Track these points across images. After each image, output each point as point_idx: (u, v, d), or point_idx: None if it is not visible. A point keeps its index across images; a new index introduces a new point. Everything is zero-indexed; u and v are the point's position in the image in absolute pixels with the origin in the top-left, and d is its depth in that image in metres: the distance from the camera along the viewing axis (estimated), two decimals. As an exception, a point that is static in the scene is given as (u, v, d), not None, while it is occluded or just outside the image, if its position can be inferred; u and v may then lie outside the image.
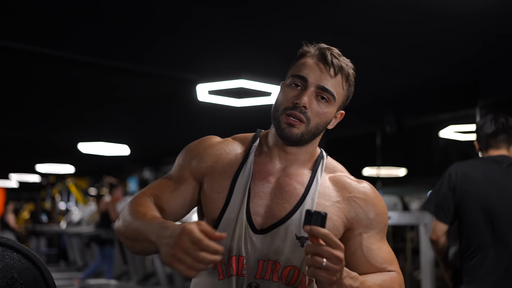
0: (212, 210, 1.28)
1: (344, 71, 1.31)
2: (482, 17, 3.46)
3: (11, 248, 1.16)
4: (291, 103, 1.26)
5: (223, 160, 1.32)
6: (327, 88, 1.27)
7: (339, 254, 1.06)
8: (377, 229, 1.32)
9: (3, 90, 5.83)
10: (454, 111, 5.31)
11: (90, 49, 4.34)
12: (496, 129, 2.62)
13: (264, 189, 1.29)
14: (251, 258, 1.24)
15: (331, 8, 3.40)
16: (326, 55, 1.28)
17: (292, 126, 1.25)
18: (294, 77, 1.28)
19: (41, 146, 10.50)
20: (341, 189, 1.32)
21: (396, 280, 1.29)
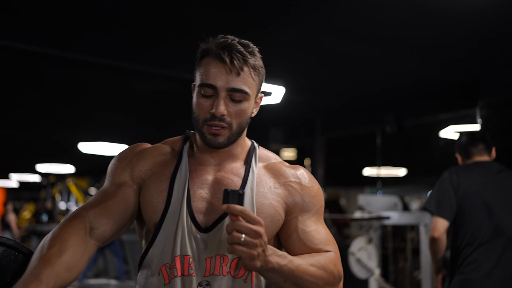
0: (153, 214, 1.27)
1: (248, 63, 1.27)
2: (482, 17, 3.46)
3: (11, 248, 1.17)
4: (208, 114, 1.25)
5: (159, 164, 1.32)
6: (237, 88, 1.25)
7: (257, 229, 1.08)
8: (313, 211, 1.34)
9: (3, 90, 5.83)
10: (454, 111, 5.31)
11: (90, 50, 4.34)
12: (474, 139, 2.83)
13: (203, 186, 1.29)
14: (198, 257, 1.24)
15: (331, 9, 3.40)
16: (224, 57, 1.25)
17: (216, 135, 1.26)
18: (203, 86, 1.26)
19: (41, 146, 10.51)
20: (277, 176, 1.34)
21: (331, 260, 1.29)
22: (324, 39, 3.94)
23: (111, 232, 1.26)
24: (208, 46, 1.30)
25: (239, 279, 1.25)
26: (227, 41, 1.28)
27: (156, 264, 1.25)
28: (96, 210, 1.25)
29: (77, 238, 1.18)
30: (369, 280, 4.95)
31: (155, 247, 1.26)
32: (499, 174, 2.72)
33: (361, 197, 5.95)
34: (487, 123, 4.74)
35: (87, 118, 7.44)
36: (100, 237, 1.23)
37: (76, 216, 1.23)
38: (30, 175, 14.90)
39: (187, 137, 1.40)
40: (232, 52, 1.26)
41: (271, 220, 1.28)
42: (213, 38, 1.31)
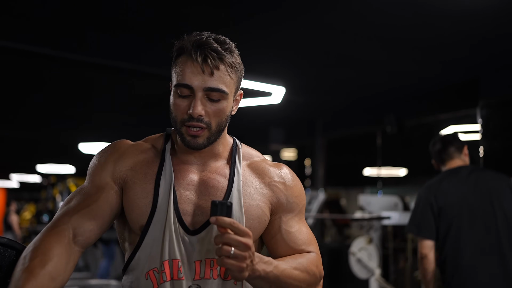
0: (138, 217, 1.23)
1: (224, 61, 1.24)
2: (482, 17, 3.46)
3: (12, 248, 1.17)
4: (186, 115, 1.23)
5: (142, 164, 1.29)
6: (214, 88, 1.22)
7: (246, 241, 1.08)
8: (296, 211, 1.34)
9: (4, 91, 5.83)
10: (454, 111, 5.30)
11: (91, 51, 4.34)
12: (444, 145, 2.94)
13: (188, 187, 1.27)
14: (187, 260, 1.22)
15: (332, 9, 3.39)
16: (198, 56, 1.22)
17: (195, 137, 1.23)
18: (179, 86, 1.24)
19: (42, 147, 10.51)
20: (261, 175, 1.33)
21: (313, 261, 1.30)
22: (325, 39, 3.94)
23: (94, 237, 1.23)
24: (183, 44, 1.27)
25: (229, 281, 1.24)
26: (202, 39, 1.25)
27: (143, 268, 1.23)
28: (78, 216, 1.21)
29: (60, 247, 1.15)
30: (370, 280, 4.95)
31: (142, 250, 1.23)
32: (468, 180, 2.79)
33: (362, 197, 5.94)
34: (487, 123, 4.74)
35: (87, 118, 7.44)
36: (84, 243, 1.21)
37: (58, 224, 1.20)
38: (30, 176, 14.90)
39: (168, 134, 1.36)
40: (206, 51, 1.22)
41: (258, 222, 1.28)
42: (188, 35, 1.28)
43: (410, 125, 5.90)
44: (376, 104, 6.05)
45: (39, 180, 15.48)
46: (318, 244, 1.38)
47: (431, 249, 2.72)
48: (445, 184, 2.79)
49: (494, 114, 4.75)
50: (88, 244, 1.22)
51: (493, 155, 4.68)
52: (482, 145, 4.75)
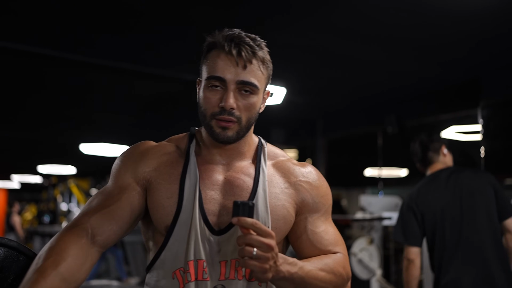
0: (163, 217, 1.23)
1: (257, 55, 1.24)
2: (482, 17, 3.46)
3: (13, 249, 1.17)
4: (217, 107, 1.22)
5: (166, 164, 1.28)
6: (247, 81, 1.22)
7: (269, 242, 1.06)
8: (322, 211, 1.32)
9: (5, 91, 5.84)
10: (455, 112, 5.30)
11: (92, 51, 4.34)
12: (421, 150, 3.02)
13: (213, 187, 1.26)
14: (212, 261, 1.21)
15: (332, 9, 3.39)
16: (232, 49, 1.21)
17: (225, 129, 1.22)
18: (211, 79, 1.23)
19: (42, 147, 10.51)
20: (286, 175, 1.32)
21: (340, 262, 1.27)
22: (325, 39, 3.93)
23: (115, 237, 1.22)
24: (215, 39, 1.26)
25: (253, 282, 1.23)
26: (234, 34, 1.25)
27: (169, 268, 1.22)
28: (98, 215, 1.21)
29: (76, 247, 1.15)
30: (371, 280, 4.95)
31: (168, 250, 1.22)
32: (448, 183, 2.81)
33: (363, 197, 5.94)
34: (488, 123, 4.74)
35: (88, 119, 7.44)
36: (103, 244, 1.20)
37: (77, 224, 1.20)
38: (31, 176, 14.90)
39: (192, 134, 1.35)
40: (240, 44, 1.22)
41: (284, 222, 1.26)
42: (220, 31, 1.27)
43: (411, 126, 5.90)
44: (377, 105, 6.05)
45: (40, 181, 15.49)
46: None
47: (418, 255, 2.78)
48: (424, 191, 2.83)
49: (495, 114, 4.75)
50: (107, 244, 1.22)
51: (494, 155, 4.68)
52: (483, 146, 4.75)
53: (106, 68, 4.76)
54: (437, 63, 4.52)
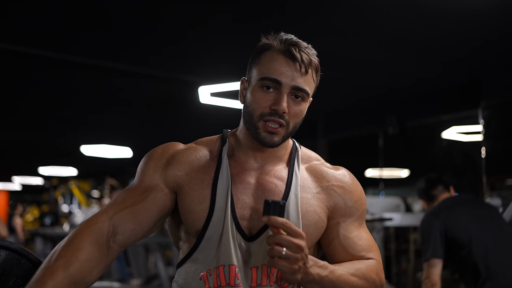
0: (195, 222, 1.21)
1: (313, 64, 1.24)
2: (484, 18, 3.46)
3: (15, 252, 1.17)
4: (268, 109, 1.20)
5: (197, 169, 1.25)
6: (301, 88, 1.21)
7: (299, 242, 1.05)
8: (355, 216, 1.29)
9: (5, 93, 5.84)
10: (456, 112, 5.30)
11: (92, 52, 4.35)
12: (432, 183, 3.12)
13: (246, 191, 1.24)
14: (244, 266, 1.19)
15: (332, 10, 3.40)
16: (294, 52, 1.21)
17: (273, 134, 1.21)
18: (265, 80, 1.21)
19: (44, 149, 10.51)
20: (319, 179, 1.29)
21: (372, 268, 1.24)
22: (325, 41, 3.93)
23: (136, 238, 1.20)
24: (272, 41, 1.25)
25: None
26: (292, 39, 1.25)
27: (199, 269, 1.21)
28: (122, 214, 1.18)
29: (93, 247, 1.13)
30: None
31: (199, 252, 1.21)
32: (472, 203, 3.03)
33: (364, 198, 5.92)
34: (489, 124, 4.74)
35: (89, 120, 7.44)
36: (123, 243, 1.18)
37: (99, 220, 1.16)
38: (33, 178, 14.90)
39: (225, 137, 1.32)
40: (302, 50, 1.22)
41: (315, 227, 1.24)
42: (275, 34, 1.27)
43: (412, 126, 5.89)
44: (378, 105, 6.05)
45: (42, 183, 15.49)
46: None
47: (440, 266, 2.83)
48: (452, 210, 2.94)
49: (496, 115, 4.75)
50: (127, 244, 1.19)
51: (495, 156, 4.67)
52: (484, 146, 4.74)
53: (107, 70, 4.76)
54: (438, 64, 4.52)
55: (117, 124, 7.72)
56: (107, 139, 8.50)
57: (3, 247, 1.16)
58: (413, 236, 6.14)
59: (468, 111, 5.08)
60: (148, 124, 7.73)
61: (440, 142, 6.17)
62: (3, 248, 1.16)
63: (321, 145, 6.99)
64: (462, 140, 5.84)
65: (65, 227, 10.21)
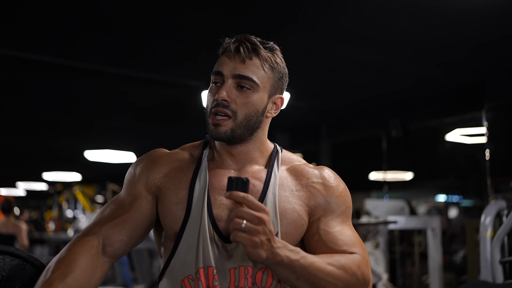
0: (172, 223, 1.21)
1: (259, 54, 1.23)
2: (487, 20, 3.45)
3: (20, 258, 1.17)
4: (215, 102, 1.21)
5: (176, 170, 1.26)
6: (243, 75, 1.21)
7: (260, 215, 1.03)
8: (337, 212, 1.25)
9: (10, 98, 5.86)
10: (460, 114, 5.29)
11: (96, 58, 4.36)
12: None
13: (223, 192, 1.21)
14: (222, 267, 1.17)
15: (336, 14, 3.40)
16: (233, 45, 1.22)
17: (218, 125, 1.21)
18: (212, 75, 1.25)
19: (47, 154, 10.54)
20: (299, 177, 1.28)
21: (354, 261, 1.17)
22: (329, 44, 3.94)
23: (125, 248, 1.21)
24: (225, 44, 1.27)
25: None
26: (242, 36, 1.25)
27: (178, 275, 1.20)
28: (109, 225, 1.19)
29: (86, 258, 1.14)
30: (377, 285, 4.93)
31: (177, 257, 1.20)
32: None
33: (368, 201, 5.93)
34: (493, 126, 4.73)
35: (93, 126, 7.46)
36: (114, 254, 1.19)
37: (88, 234, 1.18)
38: (37, 184, 14.94)
39: (207, 142, 1.33)
40: (241, 41, 1.23)
41: (294, 226, 1.22)
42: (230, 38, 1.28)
43: (415, 129, 5.89)
44: (381, 108, 6.04)
45: (46, 188, 15.52)
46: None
47: None
48: None
49: (499, 116, 4.73)
50: (118, 255, 1.20)
51: (499, 157, 4.66)
52: (488, 148, 4.73)
53: (111, 75, 4.78)
54: (441, 66, 4.52)
55: (120, 129, 7.73)
56: (111, 144, 8.51)
57: (8, 253, 1.16)
58: (417, 239, 6.13)
59: (471, 113, 5.08)
60: (151, 129, 7.74)
61: (444, 144, 6.16)
62: (9, 254, 1.16)
63: (324, 149, 6.99)
64: (466, 143, 5.83)
65: (69, 232, 10.22)
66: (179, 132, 7.79)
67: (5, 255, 1.15)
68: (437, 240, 4.88)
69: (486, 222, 3.37)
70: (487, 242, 3.29)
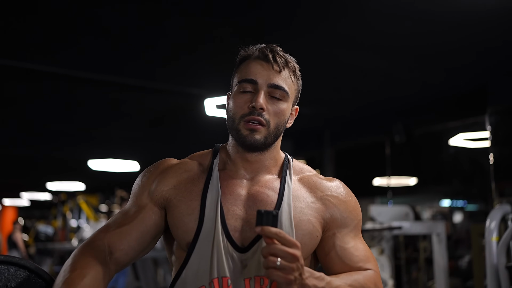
0: (184, 234, 1.21)
1: (289, 65, 1.27)
2: (489, 25, 3.46)
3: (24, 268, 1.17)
4: (247, 109, 1.21)
5: (186, 181, 1.26)
6: (279, 85, 1.23)
7: (294, 252, 1.03)
8: (351, 227, 1.28)
9: (13, 108, 5.88)
10: (463, 119, 5.28)
11: (99, 66, 4.38)
12: None
13: (236, 203, 1.23)
14: (237, 278, 1.17)
15: (337, 20, 3.41)
16: (267, 54, 1.24)
17: (253, 131, 1.21)
18: (242, 82, 1.24)
19: (51, 164, 10.56)
20: (313, 189, 1.28)
21: (371, 279, 1.22)
22: (331, 50, 3.95)
23: (130, 257, 1.22)
24: (249, 51, 1.28)
25: None
26: (268, 46, 1.28)
27: (191, 286, 1.19)
28: (114, 233, 1.21)
29: (97, 262, 1.16)
30: (383, 291, 4.90)
31: (189, 268, 1.20)
32: None
33: (372, 207, 5.91)
34: (496, 130, 4.72)
35: (96, 135, 7.48)
36: (117, 262, 1.20)
37: (95, 240, 1.20)
38: (41, 194, 14.96)
39: (217, 150, 1.33)
40: (275, 51, 1.25)
41: (309, 237, 1.23)
42: (253, 45, 1.30)
43: (419, 134, 5.88)
44: (384, 113, 6.04)
45: (50, 198, 15.54)
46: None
47: None
48: None
49: (503, 121, 4.73)
50: (122, 263, 1.21)
51: (503, 161, 4.65)
52: (491, 152, 4.72)
53: (114, 84, 4.79)
54: (443, 71, 4.52)
55: (124, 138, 7.74)
56: (114, 153, 8.52)
57: (22, 266, 1.16)
58: (422, 244, 6.11)
59: (474, 118, 5.07)
60: (154, 138, 7.75)
61: (448, 149, 6.15)
62: (22, 267, 1.16)
63: (328, 155, 6.98)
64: (469, 147, 5.82)
65: (73, 242, 10.22)
66: (182, 140, 7.79)
67: (10, 265, 1.15)
68: (442, 245, 4.86)
69: (491, 227, 3.36)
70: (492, 246, 3.27)
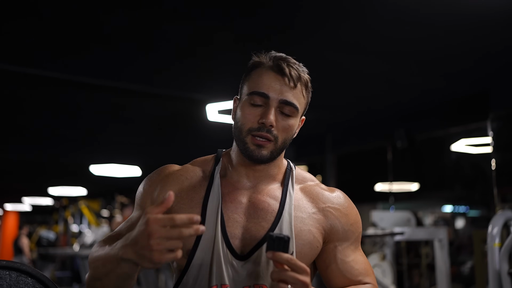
0: (185, 241, 1.18)
1: (302, 80, 1.26)
2: (491, 29, 3.46)
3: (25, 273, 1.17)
4: (256, 123, 1.20)
5: (188, 188, 1.25)
6: (289, 102, 1.22)
7: (304, 279, 1.04)
8: (352, 240, 1.28)
9: (14, 113, 5.89)
10: (465, 125, 5.28)
11: (100, 72, 4.38)
12: None
13: (237, 210, 1.22)
14: (236, 286, 1.17)
15: (339, 25, 3.41)
16: (283, 67, 1.22)
17: (260, 147, 1.20)
18: (254, 94, 1.22)
19: (53, 169, 10.56)
20: (315, 200, 1.28)
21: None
22: (333, 55, 3.95)
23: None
24: (262, 59, 1.26)
25: None
26: (282, 56, 1.26)
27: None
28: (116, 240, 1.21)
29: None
30: (385, 297, 4.89)
31: (189, 274, 1.20)
32: None
33: (374, 213, 5.90)
34: (498, 136, 4.71)
35: (97, 140, 7.48)
36: None
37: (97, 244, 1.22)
38: (42, 199, 14.97)
39: (219, 156, 1.32)
40: (290, 65, 1.23)
41: (309, 247, 1.23)
42: (266, 52, 1.28)
43: (421, 139, 5.87)
44: (386, 119, 6.04)
45: (51, 203, 15.55)
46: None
47: None
48: None
49: (505, 126, 4.72)
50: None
51: (505, 167, 4.64)
52: (494, 158, 4.71)
53: (115, 89, 4.80)
54: (445, 76, 4.52)
55: (125, 143, 7.75)
56: (116, 158, 8.53)
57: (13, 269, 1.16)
58: (424, 250, 6.09)
59: (476, 123, 5.06)
60: (156, 143, 7.75)
61: (449, 155, 6.15)
62: (14, 270, 1.16)
63: (330, 160, 6.98)
64: (471, 153, 5.81)
65: (75, 247, 10.21)
66: (184, 145, 7.80)
67: (11, 271, 1.15)
68: (444, 251, 4.84)
69: (493, 233, 3.34)
70: (495, 252, 3.26)
